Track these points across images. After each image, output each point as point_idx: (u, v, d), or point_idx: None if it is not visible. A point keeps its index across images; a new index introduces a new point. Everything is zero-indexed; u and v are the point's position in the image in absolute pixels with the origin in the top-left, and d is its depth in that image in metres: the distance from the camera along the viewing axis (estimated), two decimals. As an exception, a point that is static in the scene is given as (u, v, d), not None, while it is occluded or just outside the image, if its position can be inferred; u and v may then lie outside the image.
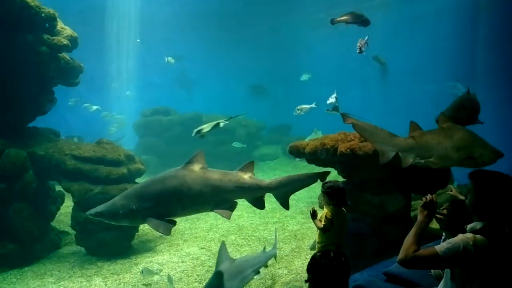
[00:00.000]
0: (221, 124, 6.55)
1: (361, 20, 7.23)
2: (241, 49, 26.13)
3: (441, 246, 2.51)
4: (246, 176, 5.54)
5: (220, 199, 5.35)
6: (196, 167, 5.41)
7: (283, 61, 24.37)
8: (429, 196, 2.74)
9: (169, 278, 6.03)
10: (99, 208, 5.28)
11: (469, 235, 2.54)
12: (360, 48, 6.97)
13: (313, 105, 11.40)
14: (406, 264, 2.53)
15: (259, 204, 5.66)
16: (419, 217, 2.70)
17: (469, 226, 2.64)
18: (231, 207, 5.41)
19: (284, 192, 5.65)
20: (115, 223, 5.46)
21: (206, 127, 6.44)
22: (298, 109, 11.40)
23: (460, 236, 2.55)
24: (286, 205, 5.73)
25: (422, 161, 4.86)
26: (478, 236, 2.51)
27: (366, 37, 6.79)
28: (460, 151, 4.60)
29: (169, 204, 5.19)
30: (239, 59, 26.59)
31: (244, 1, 21.08)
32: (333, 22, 7.47)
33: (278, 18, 23.17)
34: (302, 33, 24.11)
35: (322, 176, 5.52)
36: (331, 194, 4.44)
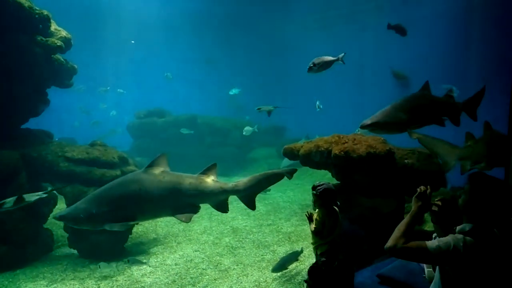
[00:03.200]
0: (31, 199, 6.18)
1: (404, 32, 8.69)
2: (236, 50, 26.14)
3: (432, 243, 2.54)
4: (208, 179, 5.46)
5: (180, 203, 5.27)
6: (157, 170, 5.36)
7: (279, 63, 24.40)
8: (422, 187, 2.75)
9: None
10: (63, 211, 5.31)
11: (459, 236, 2.57)
12: (314, 65, 6.27)
13: (255, 128, 12.86)
14: (393, 253, 2.55)
15: (222, 208, 5.57)
16: (413, 207, 2.73)
17: (458, 227, 2.66)
18: (194, 211, 5.33)
19: (250, 193, 5.59)
20: (77, 227, 5.46)
21: (27, 197, 6.17)
22: (245, 131, 12.90)
23: (451, 236, 2.59)
24: (252, 206, 5.66)
25: (478, 166, 4.96)
26: (468, 238, 2.54)
27: (343, 54, 6.56)
28: (499, 154, 4.77)
29: (127, 208, 5.17)
30: (234, 59, 26.59)
31: (239, 3, 21.11)
32: (389, 26, 8.81)
33: (273, 19, 23.23)
34: (297, 34, 24.15)
35: (289, 173, 5.52)
36: (318, 195, 4.43)
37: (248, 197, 5.60)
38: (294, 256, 6.38)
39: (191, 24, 23.43)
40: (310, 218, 4.63)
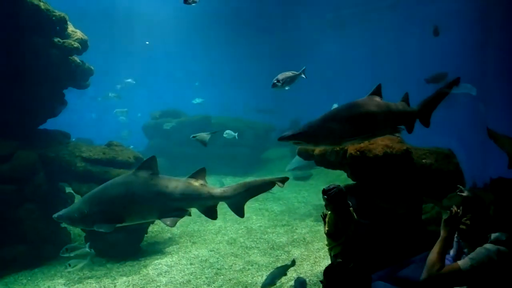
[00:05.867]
0: None
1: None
2: (250, 50, 26.16)
3: (465, 263, 2.43)
4: (196, 184, 5.38)
5: (166, 207, 5.24)
6: (145, 173, 5.34)
7: (293, 62, 24.35)
8: (454, 209, 2.63)
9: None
10: (62, 211, 5.40)
11: (492, 247, 2.46)
12: (278, 81, 6.48)
13: (236, 136, 12.68)
14: (430, 283, 2.45)
15: (210, 213, 5.45)
16: (443, 233, 2.61)
17: (493, 236, 2.54)
18: (181, 215, 5.28)
19: (238, 200, 5.45)
20: (73, 227, 5.52)
21: None
22: (226, 133, 12.87)
23: (482, 250, 2.47)
24: (241, 213, 5.52)
25: None
26: (502, 248, 2.43)
27: (304, 68, 6.67)
28: None
29: (115, 210, 5.20)
30: (248, 59, 26.62)
31: (253, 2, 21.12)
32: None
33: (287, 19, 23.18)
34: (311, 33, 24.05)
35: (281, 181, 5.39)
36: (329, 200, 4.38)
37: (237, 204, 5.46)
38: (283, 271, 6.05)
39: (205, 25, 23.53)
40: (325, 219, 4.61)
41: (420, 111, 4.73)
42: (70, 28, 8.44)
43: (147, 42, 25.72)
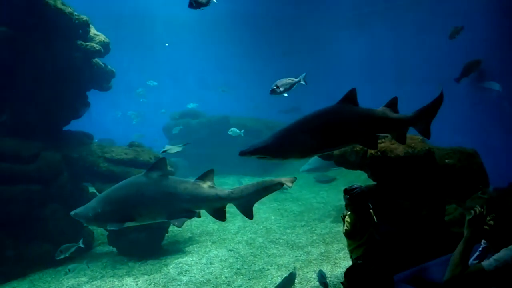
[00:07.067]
0: None
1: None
2: (267, 50, 26.15)
3: (489, 264, 2.39)
4: (204, 185, 5.42)
5: (175, 208, 5.31)
6: (155, 174, 5.43)
7: (311, 62, 24.23)
8: (478, 209, 2.58)
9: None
10: (78, 209, 5.55)
11: None
12: (278, 87, 6.60)
13: (241, 133, 12.40)
14: (453, 284, 2.42)
15: (219, 215, 5.47)
16: (467, 234, 2.56)
17: None
18: (189, 216, 5.35)
19: (247, 201, 5.43)
20: (88, 225, 5.66)
21: None
22: (231, 131, 12.73)
23: (506, 251, 2.43)
24: (249, 215, 5.48)
25: None
26: None
27: (304, 74, 6.71)
28: None
29: (126, 210, 5.30)
30: (265, 60, 26.60)
31: (271, 2, 21.11)
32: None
33: (305, 18, 23.11)
34: (330, 33, 23.87)
35: (289, 181, 5.34)
36: (349, 198, 4.34)
37: (245, 205, 5.45)
38: (291, 280, 5.83)
39: (224, 26, 23.67)
40: (344, 219, 4.58)
41: (414, 118, 4.27)
42: (92, 31, 8.63)
43: (167, 44, 26.02)
